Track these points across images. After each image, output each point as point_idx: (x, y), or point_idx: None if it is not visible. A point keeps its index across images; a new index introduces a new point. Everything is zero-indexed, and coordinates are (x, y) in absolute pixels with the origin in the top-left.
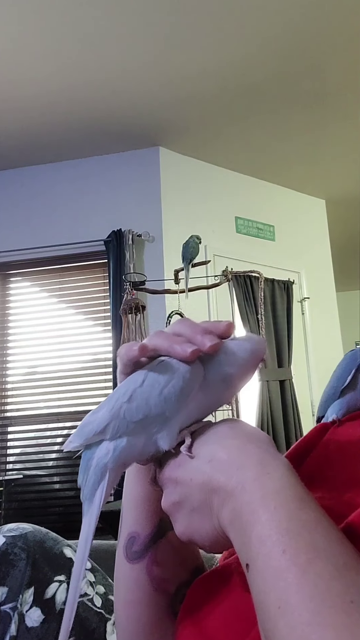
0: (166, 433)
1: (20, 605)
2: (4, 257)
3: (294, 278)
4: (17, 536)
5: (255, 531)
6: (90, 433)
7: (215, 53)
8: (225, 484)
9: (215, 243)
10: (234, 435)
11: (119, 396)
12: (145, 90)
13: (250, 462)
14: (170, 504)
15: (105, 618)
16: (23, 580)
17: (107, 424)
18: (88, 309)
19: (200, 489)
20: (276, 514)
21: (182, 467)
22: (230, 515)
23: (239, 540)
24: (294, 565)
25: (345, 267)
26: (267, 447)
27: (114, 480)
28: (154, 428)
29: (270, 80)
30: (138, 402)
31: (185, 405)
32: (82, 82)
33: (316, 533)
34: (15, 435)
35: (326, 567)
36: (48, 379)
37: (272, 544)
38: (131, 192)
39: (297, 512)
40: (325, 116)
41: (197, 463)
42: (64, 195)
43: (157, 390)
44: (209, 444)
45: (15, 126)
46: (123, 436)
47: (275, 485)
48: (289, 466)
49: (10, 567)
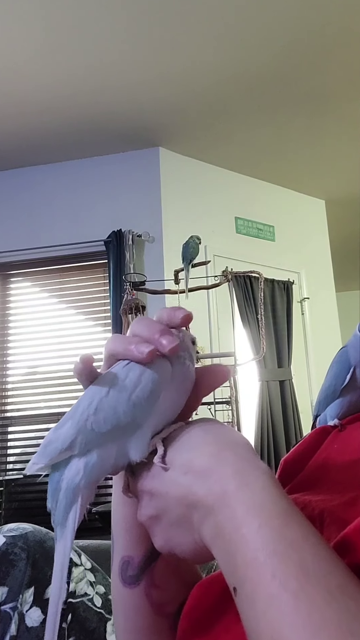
0: (138, 442)
1: (21, 605)
2: (4, 258)
3: (294, 278)
4: (18, 536)
5: (240, 552)
6: (55, 451)
7: (216, 54)
8: (204, 498)
9: (215, 243)
10: (210, 440)
11: (84, 408)
12: (145, 90)
13: (228, 472)
14: (146, 517)
15: (105, 618)
16: (23, 580)
17: (73, 439)
18: (88, 309)
19: (178, 503)
20: (261, 533)
21: (156, 478)
22: (211, 532)
23: (222, 559)
24: (285, 591)
25: (345, 267)
26: (246, 454)
27: (87, 500)
28: (125, 437)
29: (271, 80)
30: (105, 412)
31: (157, 408)
32: (82, 82)
33: (305, 552)
34: (15, 435)
35: (319, 593)
36: (48, 379)
37: (260, 567)
38: (131, 192)
39: (282, 529)
40: (325, 117)
41: (173, 474)
42: (64, 195)
43: (125, 397)
44: (184, 452)
45: (16, 127)
46: (92, 451)
47: (257, 498)
48: (270, 474)
49: (11, 567)
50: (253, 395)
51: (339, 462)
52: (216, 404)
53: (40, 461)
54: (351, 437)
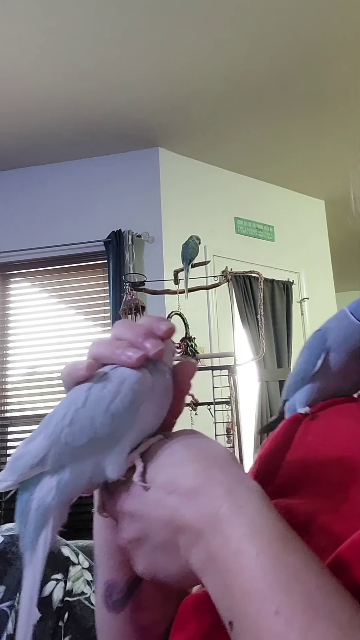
0: (115, 458)
1: (18, 604)
2: (4, 258)
3: (294, 278)
4: (15, 535)
5: (237, 584)
6: (26, 466)
7: (216, 54)
8: (192, 521)
9: (214, 243)
10: (194, 456)
11: (58, 419)
12: (145, 91)
13: (217, 493)
14: (127, 540)
15: None
16: (20, 579)
17: (45, 453)
18: (88, 309)
19: (164, 526)
20: (260, 561)
21: (136, 498)
22: (202, 559)
23: (216, 590)
24: (292, 630)
25: (344, 267)
26: (234, 471)
27: (59, 522)
28: (102, 452)
29: (270, 81)
30: (82, 424)
31: (137, 420)
32: (81, 82)
33: (309, 584)
34: (15, 435)
35: (329, 630)
36: (48, 379)
37: (262, 601)
38: (131, 192)
39: (282, 556)
40: (325, 117)
41: (155, 494)
42: (64, 195)
43: (102, 407)
44: (165, 469)
45: (16, 127)
46: (66, 467)
47: (252, 523)
48: (261, 494)
49: (8, 565)
50: (253, 395)
51: (318, 458)
52: (216, 404)
53: (8, 478)
54: (327, 427)
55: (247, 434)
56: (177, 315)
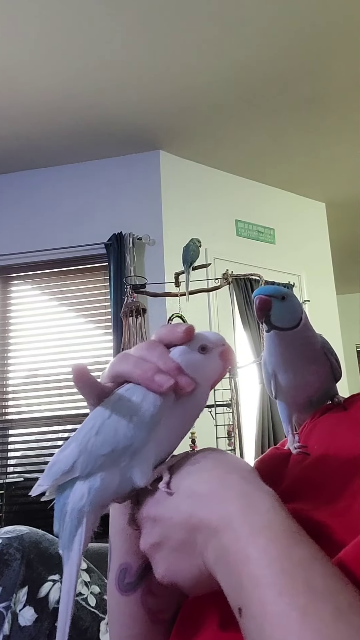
0: (140, 467)
1: (14, 605)
2: (5, 260)
3: (294, 281)
4: (13, 537)
5: (245, 571)
6: (58, 472)
7: (215, 57)
8: (207, 520)
9: (215, 246)
10: (214, 465)
11: (87, 430)
12: (146, 93)
13: (232, 495)
14: (148, 545)
15: (99, 617)
16: (17, 580)
17: (75, 460)
18: (89, 312)
19: (181, 527)
20: (267, 552)
21: (160, 504)
22: (215, 554)
23: (227, 581)
24: (293, 609)
25: (345, 270)
26: (250, 477)
27: (92, 524)
28: (125, 461)
29: (270, 83)
30: (105, 434)
31: (156, 434)
32: (83, 85)
33: (313, 572)
34: (16, 438)
35: (328, 610)
36: (49, 382)
37: (267, 585)
38: (132, 195)
39: (289, 549)
40: (325, 119)
41: (176, 499)
42: (65, 198)
43: (125, 420)
44: (188, 477)
45: (16, 130)
46: (96, 475)
47: (263, 519)
48: (275, 497)
49: (5, 566)
50: (254, 398)
51: (320, 464)
52: (217, 407)
53: (44, 482)
54: (329, 434)
55: (248, 436)
56: (178, 317)
